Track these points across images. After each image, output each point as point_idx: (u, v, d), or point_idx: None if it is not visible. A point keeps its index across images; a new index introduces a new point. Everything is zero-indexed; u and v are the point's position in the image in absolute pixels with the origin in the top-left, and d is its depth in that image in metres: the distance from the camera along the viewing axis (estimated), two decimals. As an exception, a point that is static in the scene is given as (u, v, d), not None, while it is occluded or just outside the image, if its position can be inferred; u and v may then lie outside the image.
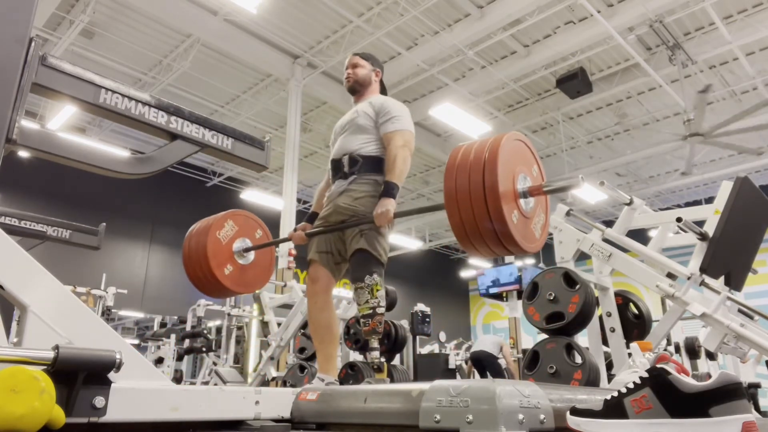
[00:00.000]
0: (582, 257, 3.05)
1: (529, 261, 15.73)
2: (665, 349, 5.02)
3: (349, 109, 2.66)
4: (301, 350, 5.00)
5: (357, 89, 2.64)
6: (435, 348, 9.63)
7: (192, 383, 8.32)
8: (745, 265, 2.79)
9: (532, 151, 1.78)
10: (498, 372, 7.46)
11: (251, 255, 2.61)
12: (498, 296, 9.76)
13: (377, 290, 2.25)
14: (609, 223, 3.13)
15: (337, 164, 2.51)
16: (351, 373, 3.90)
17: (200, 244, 2.45)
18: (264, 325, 6.41)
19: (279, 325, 5.78)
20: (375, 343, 2.31)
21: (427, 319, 6.48)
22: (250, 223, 2.64)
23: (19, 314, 1.21)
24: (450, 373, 8.21)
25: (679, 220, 2.68)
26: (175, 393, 1.27)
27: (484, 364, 7.62)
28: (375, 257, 2.28)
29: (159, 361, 8.34)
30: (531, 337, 9.82)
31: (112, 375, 1.08)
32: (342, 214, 2.38)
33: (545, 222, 1.79)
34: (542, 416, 1.05)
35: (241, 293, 2.88)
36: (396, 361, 4.99)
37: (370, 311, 2.25)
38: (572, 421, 1.07)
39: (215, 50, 8.39)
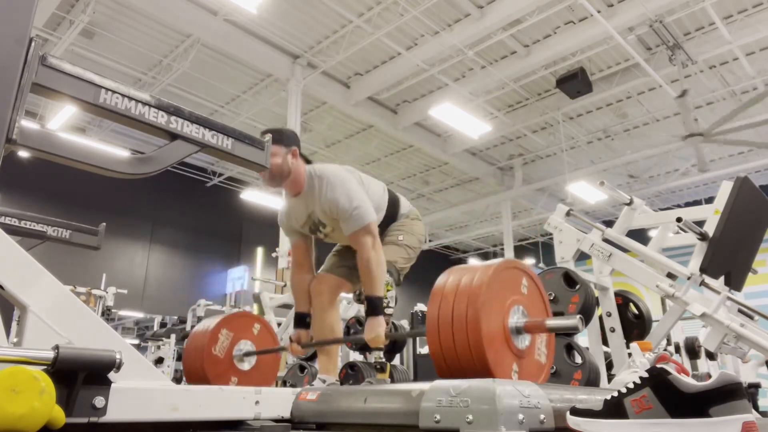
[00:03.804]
0: (582, 257, 3.05)
1: (529, 261, 15.74)
2: (665, 349, 5.02)
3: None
4: (301, 350, 4.99)
5: (279, 183, 2.27)
6: (435, 348, 9.62)
7: (192, 383, 8.29)
8: (745, 265, 2.79)
9: (529, 273, 1.47)
10: None
11: (253, 358, 2.45)
12: (498, 296, 9.74)
13: (388, 290, 2.24)
14: (609, 223, 3.13)
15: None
16: (351, 373, 3.89)
17: (198, 366, 2.28)
18: (264, 325, 6.39)
19: (279, 325, 5.77)
20: (380, 344, 2.31)
21: (427, 319, 6.46)
22: (245, 322, 2.47)
23: (19, 314, 1.21)
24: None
25: (679, 220, 2.68)
26: (175, 393, 1.27)
27: None
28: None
29: (159, 361, 8.33)
30: (531, 337, 9.79)
31: (112, 375, 1.08)
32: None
33: (549, 339, 1.54)
34: (542, 416, 1.05)
35: None
36: (396, 361, 4.98)
37: None
38: (572, 421, 1.07)
39: (215, 50, 8.39)
